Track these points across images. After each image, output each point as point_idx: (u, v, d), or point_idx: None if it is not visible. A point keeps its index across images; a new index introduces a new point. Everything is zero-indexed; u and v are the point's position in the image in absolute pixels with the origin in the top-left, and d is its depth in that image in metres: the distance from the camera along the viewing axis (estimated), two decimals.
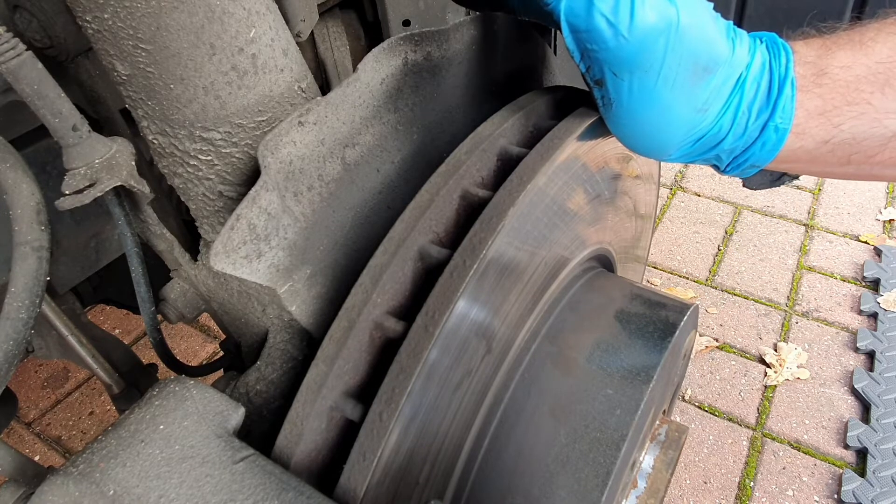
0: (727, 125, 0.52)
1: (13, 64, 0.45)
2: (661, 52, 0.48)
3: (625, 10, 0.47)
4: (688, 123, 0.52)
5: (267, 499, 0.43)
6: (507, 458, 0.59)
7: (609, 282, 0.74)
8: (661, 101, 0.50)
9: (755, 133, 0.51)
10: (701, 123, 0.52)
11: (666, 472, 0.66)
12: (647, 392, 0.59)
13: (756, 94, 0.51)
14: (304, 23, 0.69)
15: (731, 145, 0.53)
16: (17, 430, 1.67)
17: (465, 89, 0.67)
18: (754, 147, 0.52)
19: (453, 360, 0.51)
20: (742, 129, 0.51)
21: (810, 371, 1.62)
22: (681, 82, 0.50)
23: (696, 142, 0.53)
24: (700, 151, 0.54)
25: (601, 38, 0.48)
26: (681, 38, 0.48)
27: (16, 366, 0.47)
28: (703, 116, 0.51)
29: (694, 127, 0.52)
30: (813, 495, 1.38)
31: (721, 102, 0.51)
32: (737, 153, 0.54)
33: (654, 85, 0.49)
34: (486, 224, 0.52)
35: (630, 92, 0.50)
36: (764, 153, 0.52)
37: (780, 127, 0.50)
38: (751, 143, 0.52)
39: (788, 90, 0.50)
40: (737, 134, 0.52)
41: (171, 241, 0.61)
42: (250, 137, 0.53)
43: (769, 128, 0.51)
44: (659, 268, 1.96)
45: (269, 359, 0.58)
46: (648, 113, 0.51)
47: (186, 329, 1.88)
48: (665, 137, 0.52)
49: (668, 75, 0.49)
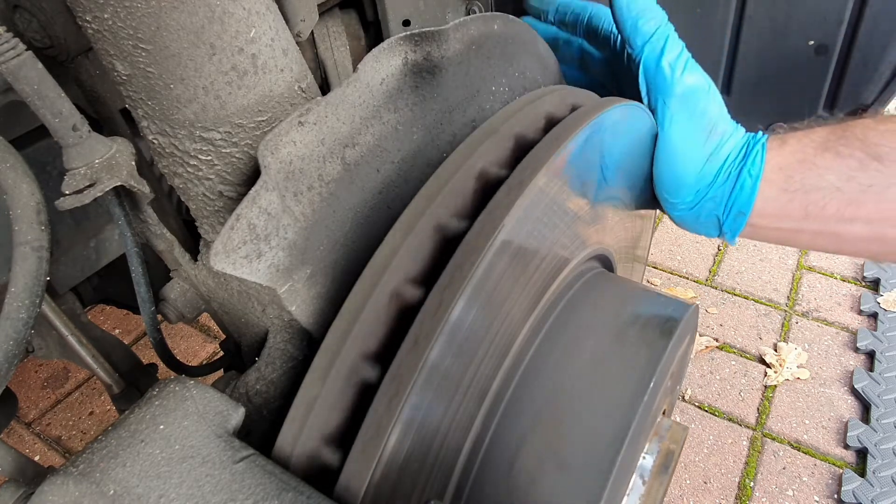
0: (722, 174, 0.72)
1: (13, 64, 0.45)
2: (695, 101, 0.70)
3: (681, 63, 0.70)
4: (699, 162, 0.71)
5: (267, 499, 0.43)
6: (507, 458, 0.59)
7: (609, 282, 0.74)
8: (688, 137, 0.71)
9: (735, 177, 0.70)
10: (707, 169, 0.72)
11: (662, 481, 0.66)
12: (647, 392, 0.59)
13: (738, 154, 0.71)
14: (304, 23, 0.69)
15: (721, 187, 0.71)
16: (17, 430, 1.67)
17: (466, 89, 0.67)
18: (736, 190, 0.71)
19: (454, 358, 0.51)
20: (727, 174, 0.71)
21: (810, 371, 1.62)
22: (700, 131, 0.71)
23: (701, 186, 0.72)
24: (703, 195, 0.73)
25: (663, 75, 0.70)
26: (708, 102, 0.70)
27: (16, 366, 0.47)
28: (709, 164, 0.72)
29: (702, 168, 0.72)
30: (813, 495, 1.38)
31: (721, 158, 0.71)
32: (725, 198, 0.71)
33: (687, 123, 0.71)
34: (504, 197, 0.53)
35: (672, 122, 0.71)
36: (744, 196, 0.70)
37: (752, 173, 0.69)
38: (733, 186, 0.71)
39: (759, 149, 0.70)
40: (724, 178, 0.71)
41: (171, 241, 0.61)
42: (250, 137, 0.53)
43: (744, 173, 0.70)
44: (659, 268, 1.96)
45: (269, 359, 0.58)
46: (679, 142, 0.71)
47: (186, 329, 1.88)
48: (684, 169, 0.72)
49: (696, 121, 0.71)
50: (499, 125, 0.62)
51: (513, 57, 0.72)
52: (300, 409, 0.50)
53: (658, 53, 0.70)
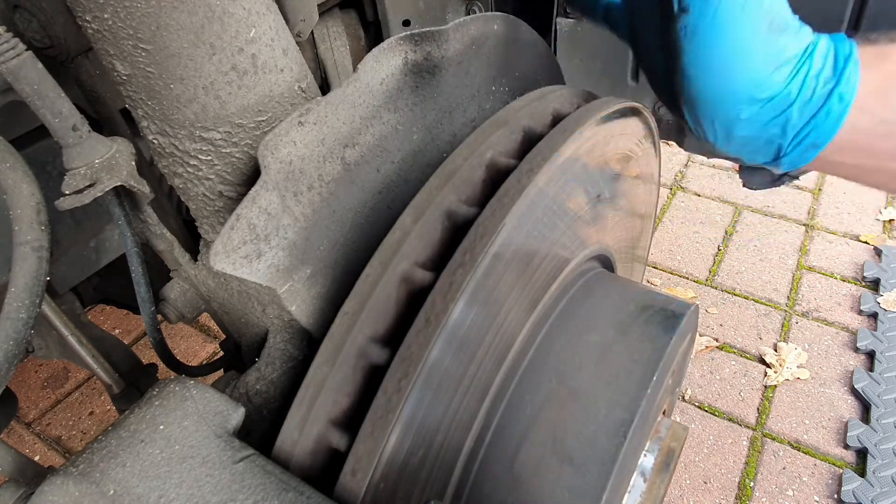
0: (795, 89, 0.54)
1: (13, 64, 0.45)
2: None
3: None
4: (761, 69, 0.54)
5: (267, 499, 0.43)
6: (507, 458, 0.59)
7: (609, 282, 0.74)
8: (741, 33, 0.53)
9: (820, 101, 0.54)
10: (773, 80, 0.54)
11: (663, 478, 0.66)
12: (648, 392, 0.59)
13: (823, 65, 0.54)
14: (304, 23, 0.69)
15: (797, 113, 0.54)
16: (17, 430, 1.67)
17: (466, 89, 0.67)
18: (818, 117, 0.54)
19: (454, 357, 0.51)
20: (809, 94, 0.54)
21: (810, 371, 1.62)
22: (758, 24, 0.53)
23: (768, 102, 0.54)
24: (769, 115, 0.55)
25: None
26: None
27: (16, 366, 0.47)
28: (775, 73, 0.54)
29: (766, 80, 0.54)
30: (813, 495, 1.38)
31: (791, 65, 0.54)
32: (801, 125, 0.55)
33: (738, 13, 0.52)
34: (513, 185, 0.54)
35: (715, 15, 0.53)
36: (827, 124, 0.54)
37: (845, 97, 0.53)
38: (815, 111, 0.54)
39: (852, 65, 0.53)
40: (804, 99, 0.54)
41: (171, 241, 0.61)
42: (250, 137, 0.53)
43: (834, 96, 0.53)
44: (659, 268, 1.96)
45: (268, 359, 0.58)
46: (727, 45, 0.53)
47: (186, 329, 1.88)
48: (739, 80, 0.54)
49: (750, 10, 0.52)
50: (508, 118, 0.62)
51: (513, 57, 0.72)
52: (309, 390, 0.50)
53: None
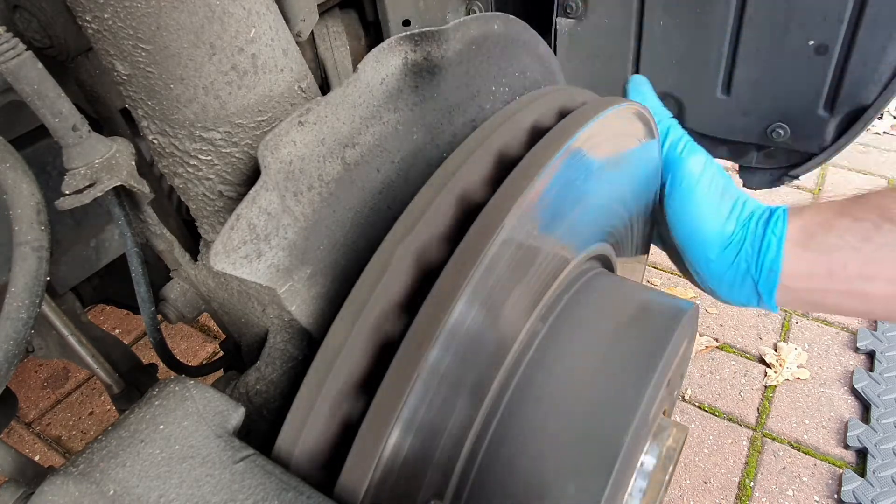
0: (746, 233, 0.76)
1: (13, 64, 0.45)
2: (699, 171, 0.79)
3: (681, 144, 0.80)
4: (718, 223, 0.77)
5: (267, 499, 0.43)
6: (507, 458, 0.59)
7: (609, 282, 0.74)
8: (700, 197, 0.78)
9: (760, 236, 0.75)
10: (727, 228, 0.77)
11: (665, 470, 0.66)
12: (648, 392, 0.59)
13: (761, 217, 0.77)
14: (304, 23, 0.69)
15: (751, 245, 0.76)
16: (17, 430, 1.67)
17: (466, 89, 0.67)
18: (763, 249, 0.75)
19: (454, 356, 0.51)
20: (754, 234, 0.76)
21: (810, 371, 1.62)
22: (713, 192, 0.78)
23: (728, 244, 0.77)
24: (732, 253, 0.77)
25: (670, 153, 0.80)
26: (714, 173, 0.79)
27: (16, 366, 0.47)
28: (728, 223, 0.78)
29: (723, 229, 0.77)
30: (813, 495, 1.38)
31: (742, 219, 0.77)
32: (755, 257, 0.75)
33: (696, 189, 0.78)
34: (512, 185, 0.54)
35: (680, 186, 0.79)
36: (771, 254, 0.74)
37: (776, 232, 0.74)
38: (759, 245, 0.75)
39: (780, 214, 0.75)
40: (752, 239, 0.76)
41: (171, 241, 0.61)
42: (250, 137, 0.53)
43: (769, 233, 0.75)
44: (659, 268, 1.96)
45: (269, 359, 0.58)
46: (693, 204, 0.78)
47: (186, 329, 1.88)
48: (703, 230, 0.78)
49: (704, 183, 0.78)
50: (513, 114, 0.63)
51: (513, 57, 0.72)
52: (309, 389, 0.51)
53: (663, 138, 0.81)
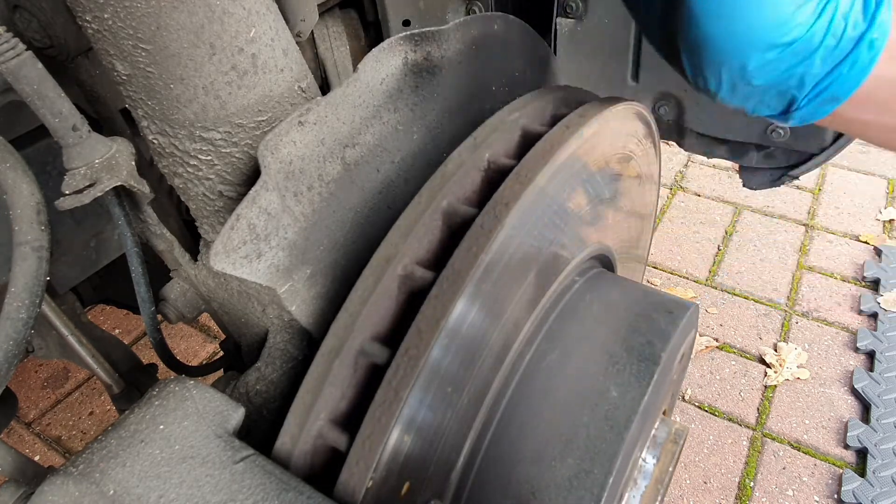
0: (821, 32, 0.47)
1: (13, 64, 0.45)
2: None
3: None
4: (782, 13, 0.47)
5: (267, 499, 0.43)
6: (506, 458, 0.59)
7: (609, 282, 0.74)
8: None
9: (848, 47, 0.47)
10: (795, 21, 0.47)
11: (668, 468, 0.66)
12: (648, 392, 0.59)
13: (852, 5, 0.47)
14: (304, 23, 0.69)
15: (820, 61, 0.48)
16: (17, 430, 1.67)
17: (466, 89, 0.67)
18: (842, 66, 0.48)
19: (454, 356, 0.51)
20: (836, 39, 0.47)
21: (810, 371, 1.62)
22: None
23: (788, 47, 0.48)
24: (788, 62, 0.49)
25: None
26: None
27: (16, 366, 0.47)
28: (797, 13, 0.47)
29: (787, 23, 0.47)
30: (813, 495, 1.38)
31: (816, 3, 0.47)
32: (822, 74, 0.49)
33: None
34: (513, 184, 0.54)
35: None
36: (852, 75, 0.48)
37: (875, 43, 0.47)
38: (840, 60, 0.48)
39: (885, 8, 0.47)
40: (829, 45, 0.47)
41: (171, 241, 0.61)
42: (250, 137, 0.53)
43: (863, 42, 0.47)
44: (659, 268, 1.96)
45: (269, 359, 0.58)
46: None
47: (186, 329, 1.88)
48: (756, 20, 0.48)
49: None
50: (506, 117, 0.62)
51: (513, 57, 0.72)
52: (309, 389, 0.50)
53: None
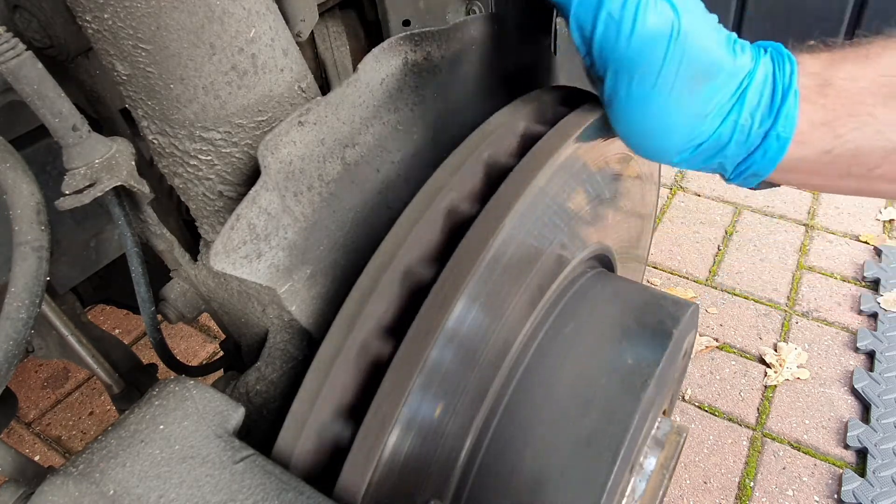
0: (728, 133, 0.52)
1: (13, 64, 0.45)
2: (660, 57, 0.50)
3: (629, 13, 0.49)
4: (686, 128, 0.52)
5: (267, 499, 0.43)
6: (507, 458, 0.59)
7: (609, 282, 0.74)
8: (658, 104, 0.51)
9: (757, 141, 0.52)
10: (700, 129, 0.52)
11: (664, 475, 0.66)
12: (648, 392, 0.59)
13: (759, 103, 0.51)
14: (304, 23, 0.69)
15: (734, 152, 0.53)
16: (17, 430, 1.67)
17: (466, 89, 0.67)
18: (756, 155, 0.53)
19: (454, 356, 0.51)
20: (744, 136, 0.52)
21: (810, 371, 1.62)
22: (679, 87, 0.51)
23: (697, 148, 0.54)
24: (702, 158, 0.54)
25: (605, 38, 0.50)
26: (681, 44, 0.50)
27: (16, 366, 0.47)
28: (702, 123, 0.52)
29: (693, 132, 0.52)
30: (813, 495, 1.38)
31: (721, 110, 0.52)
32: (739, 160, 0.54)
33: (653, 87, 0.51)
34: (513, 184, 0.55)
35: (628, 92, 0.52)
36: (765, 161, 0.53)
37: (783, 136, 0.51)
38: (753, 150, 0.53)
39: (791, 99, 0.50)
40: (739, 141, 0.52)
41: (171, 241, 0.61)
42: (250, 137, 0.53)
43: (771, 136, 0.51)
44: (659, 268, 1.96)
45: (269, 359, 0.58)
46: (646, 114, 0.52)
47: (186, 329, 1.88)
48: (663, 140, 0.53)
49: (667, 79, 0.50)
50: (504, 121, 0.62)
51: (513, 57, 0.72)
52: (310, 389, 0.50)
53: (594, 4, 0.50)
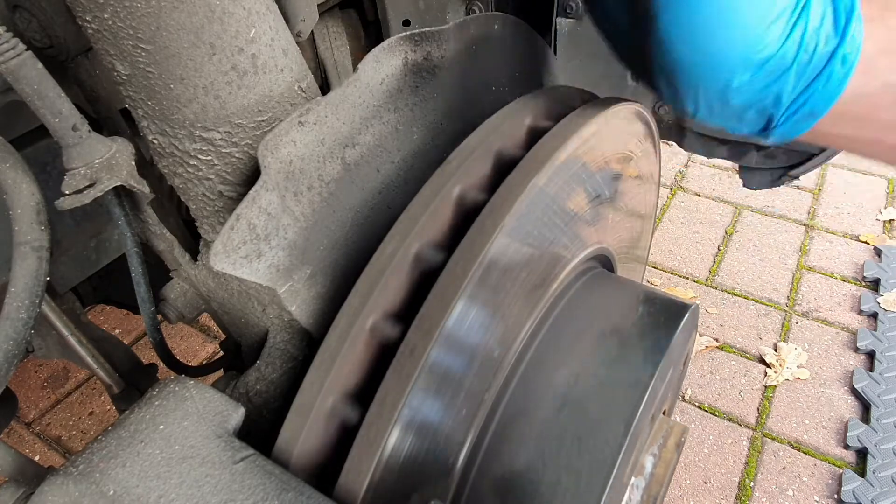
0: (793, 50, 0.48)
1: (13, 64, 0.45)
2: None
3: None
4: (752, 32, 0.48)
5: (267, 499, 0.43)
6: (507, 459, 0.59)
7: (609, 282, 0.74)
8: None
9: (821, 63, 0.48)
10: (766, 40, 0.48)
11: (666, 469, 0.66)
12: (648, 392, 0.59)
13: (822, 21, 0.48)
14: (304, 23, 0.69)
15: (795, 79, 0.49)
16: (17, 430, 1.67)
17: (465, 89, 0.67)
18: (817, 82, 0.49)
19: (454, 356, 0.51)
20: (808, 56, 0.48)
21: (810, 371, 1.62)
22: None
23: (761, 66, 0.49)
24: (763, 81, 0.50)
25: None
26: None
27: (16, 366, 0.47)
28: (768, 31, 0.48)
29: (758, 40, 0.48)
30: (813, 495, 1.38)
31: (786, 18, 0.48)
32: (798, 91, 0.50)
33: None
34: (514, 183, 0.54)
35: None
36: (826, 93, 0.49)
37: (849, 58, 0.47)
38: (815, 76, 0.49)
39: (856, 20, 0.47)
40: (802, 61, 0.48)
41: (171, 241, 0.61)
42: (250, 137, 0.53)
43: (836, 57, 0.48)
44: (659, 268, 1.96)
45: (269, 359, 0.58)
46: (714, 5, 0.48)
47: (186, 329, 1.88)
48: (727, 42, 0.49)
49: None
50: None
51: (513, 57, 0.72)
52: (310, 389, 0.50)
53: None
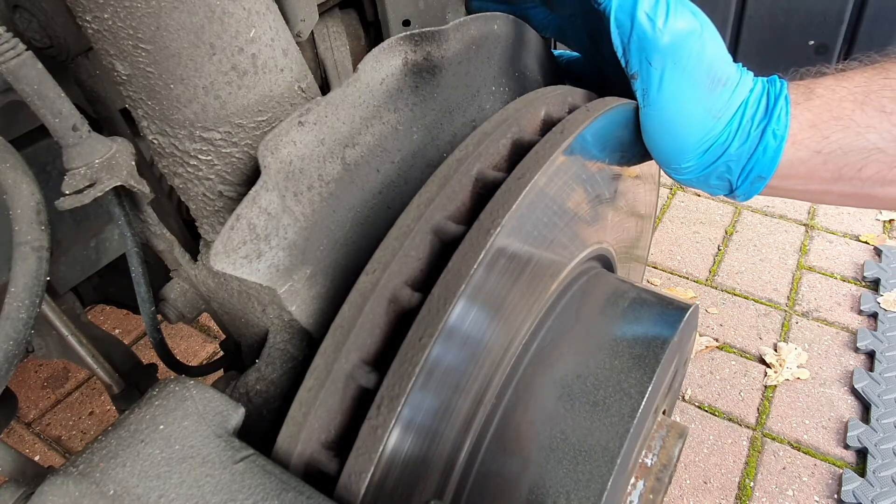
0: (732, 132, 0.62)
1: (13, 64, 0.45)
2: (687, 51, 0.59)
3: (661, 11, 0.59)
4: (703, 125, 0.62)
5: (267, 499, 0.43)
6: (507, 459, 0.59)
7: (609, 282, 0.74)
8: (684, 96, 0.61)
9: (756, 138, 0.61)
10: (713, 129, 0.62)
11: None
12: (648, 392, 0.59)
13: (757, 108, 0.61)
14: (304, 23, 0.69)
15: (737, 151, 0.62)
16: (17, 430, 1.67)
17: (466, 89, 0.67)
18: (757, 153, 0.61)
19: (454, 356, 0.51)
20: (745, 135, 0.61)
21: (810, 371, 1.62)
22: (700, 84, 0.60)
23: (708, 149, 0.63)
24: (711, 160, 0.63)
25: (641, 30, 0.59)
26: (703, 46, 0.59)
27: (16, 366, 0.47)
28: (715, 123, 0.61)
29: (708, 132, 0.62)
30: (813, 495, 1.38)
31: (731, 112, 0.62)
32: (742, 162, 0.62)
33: (681, 79, 0.60)
34: (513, 184, 0.54)
35: (661, 83, 0.61)
36: (766, 159, 0.61)
37: (777, 133, 0.60)
38: (753, 149, 0.61)
39: (783, 104, 0.60)
40: (741, 139, 0.61)
41: (171, 241, 0.61)
42: (250, 137, 0.53)
43: (767, 133, 0.60)
44: (659, 268, 1.96)
45: (269, 359, 0.58)
46: (673, 106, 0.61)
47: (186, 329, 1.88)
48: (684, 136, 0.62)
49: (692, 74, 0.60)
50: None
51: (513, 57, 0.72)
52: (310, 389, 0.50)
53: (631, 3, 0.59)
